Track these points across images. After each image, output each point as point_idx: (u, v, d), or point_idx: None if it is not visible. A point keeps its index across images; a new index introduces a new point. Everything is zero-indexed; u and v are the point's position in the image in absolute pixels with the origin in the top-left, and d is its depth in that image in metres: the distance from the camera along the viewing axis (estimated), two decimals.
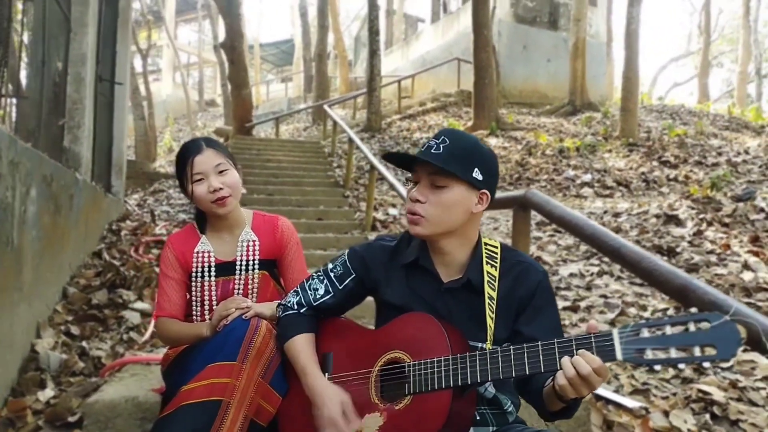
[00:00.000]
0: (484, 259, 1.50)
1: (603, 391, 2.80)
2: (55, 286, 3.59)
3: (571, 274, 4.63)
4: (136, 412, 2.11)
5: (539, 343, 1.25)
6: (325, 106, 12.48)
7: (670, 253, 4.97)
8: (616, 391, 2.86)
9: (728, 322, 1.07)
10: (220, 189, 1.91)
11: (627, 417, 2.60)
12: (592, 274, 4.65)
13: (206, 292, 1.98)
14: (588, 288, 4.39)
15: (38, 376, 2.82)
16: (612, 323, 3.74)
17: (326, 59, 18.97)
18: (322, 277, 1.65)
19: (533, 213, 3.22)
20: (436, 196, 1.44)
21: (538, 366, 1.23)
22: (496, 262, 1.51)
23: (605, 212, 6.44)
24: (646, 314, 3.82)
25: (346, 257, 1.64)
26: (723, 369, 3.05)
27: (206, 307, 1.98)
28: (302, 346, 1.57)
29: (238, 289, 2.00)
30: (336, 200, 7.68)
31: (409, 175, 1.53)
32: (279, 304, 1.73)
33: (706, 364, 1.10)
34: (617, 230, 5.63)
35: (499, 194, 2.71)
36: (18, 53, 5.51)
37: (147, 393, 2.17)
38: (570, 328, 3.69)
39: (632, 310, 3.89)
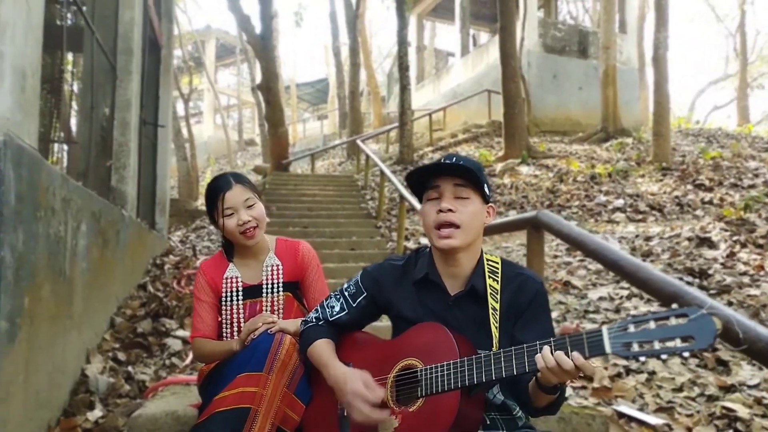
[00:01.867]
0: (486, 273, 1.62)
1: (626, 408, 2.84)
2: (104, 315, 3.83)
3: (600, 298, 4.65)
4: (175, 425, 2.27)
5: (537, 342, 1.34)
6: (358, 141, 12.78)
7: (702, 275, 4.94)
8: (641, 409, 2.89)
9: (705, 315, 1.15)
10: (249, 221, 2.09)
11: None
12: (621, 297, 4.66)
13: (235, 315, 2.16)
14: (617, 311, 4.40)
15: (88, 398, 3.03)
16: None
17: (359, 96, 19.44)
18: (338, 296, 1.80)
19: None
20: (463, 206, 1.57)
21: (536, 363, 1.33)
22: (498, 276, 1.63)
23: (636, 236, 6.41)
24: None
25: (359, 278, 1.79)
26: (749, 387, 3.04)
27: (235, 327, 2.14)
28: (322, 348, 1.70)
29: (265, 310, 2.16)
30: (368, 231, 7.85)
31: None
32: (302, 321, 1.87)
33: (686, 354, 1.17)
34: (648, 254, 5.62)
35: (512, 216, 2.82)
36: (68, 102, 5.93)
37: (186, 408, 2.33)
38: None
39: None
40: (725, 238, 5.68)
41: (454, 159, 1.59)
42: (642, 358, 1.21)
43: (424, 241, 7.29)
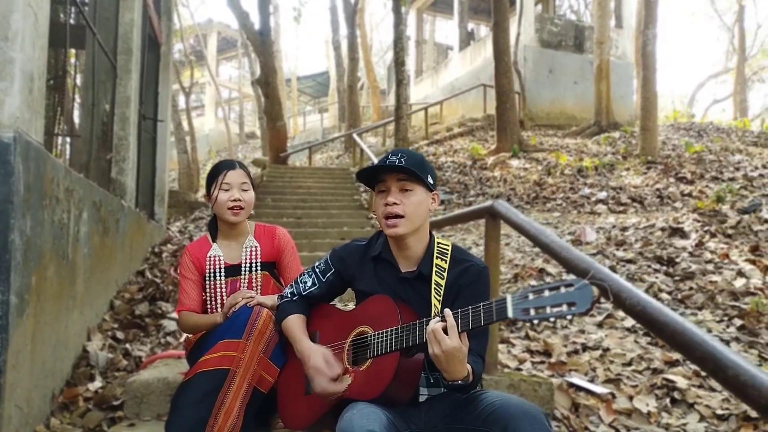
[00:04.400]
0: (435, 254, 1.90)
1: (575, 379, 3.13)
2: (104, 298, 4.12)
3: None
4: (165, 390, 2.57)
5: (459, 310, 1.59)
6: (354, 135, 13.05)
7: (670, 262, 5.21)
8: (591, 381, 3.18)
9: (586, 284, 1.38)
10: (239, 201, 2.38)
11: (593, 400, 2.93)
12: None
13: (218, 290, 2.43)
14: None
15: (89, 371, 3.33)
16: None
17: (357, 90, 19.67)
18: (310, 273, 2.08)
19: None
20: (408, 198, 1.83)
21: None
22: (446, 257, 1.90)
23: (614, 226, 6.69)
24: None
25: (328, 257, 2.07)
26: None
27: (218, 302, 2.42)
28: (294, 323, 1.98)
29: (244, 287, 2.45)
30: (359, 221, 8.13)
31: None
32: (279, 296, 2.16)
33: (570, 317, 1.43)
34: (621, 243, 5.90)
35: (472, 207, 3.12)
36: (71, 96, 6.19)
37: (175, 375, 2.63)
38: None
39: None
40: (696, 229, 5.95)
41: (399, 155, 1.85)
42: (536, 321, 1.45)
43: None
